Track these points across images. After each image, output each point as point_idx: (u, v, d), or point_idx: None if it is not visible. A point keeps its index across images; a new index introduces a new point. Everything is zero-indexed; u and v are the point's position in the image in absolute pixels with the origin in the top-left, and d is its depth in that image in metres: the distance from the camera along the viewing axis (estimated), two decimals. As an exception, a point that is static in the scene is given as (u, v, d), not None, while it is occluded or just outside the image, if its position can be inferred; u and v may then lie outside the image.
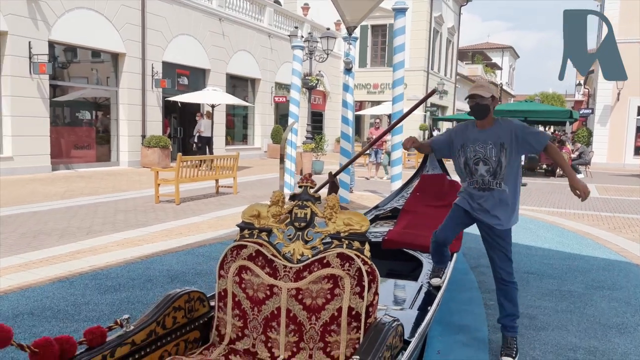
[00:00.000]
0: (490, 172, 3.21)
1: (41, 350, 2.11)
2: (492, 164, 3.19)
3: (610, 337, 3.68)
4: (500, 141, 3.16)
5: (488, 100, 3.16)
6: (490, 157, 3.19)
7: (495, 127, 3.23)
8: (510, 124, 3.23)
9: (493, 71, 45.70)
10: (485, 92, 3.16)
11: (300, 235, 2.82)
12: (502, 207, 3.24)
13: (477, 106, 3.19)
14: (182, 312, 2.78)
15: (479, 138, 3.23)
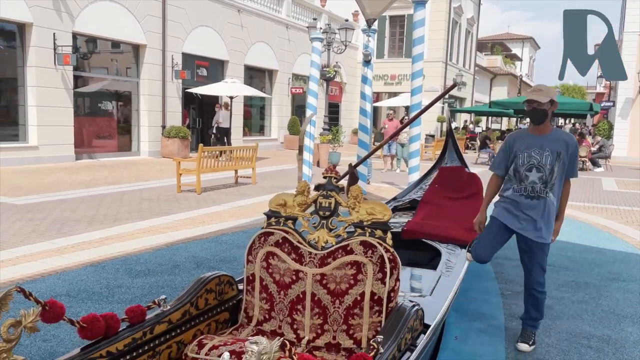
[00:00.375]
0: (542, 180, 3.19)
1: (89, 325, 2.29)
2: (546, 172, 3.17)
3: (624, 327, 3.77)
4: (558, 150, 3.15)
5: (546, 105, 3.13)
6: (544, 165, 3.16)
7: (553, 134, 3.23)
8: (567, 137, 3.26)
9: (513, 62, 45.16)
10: (542, 97, 3.13)
11: (324, 223, 2.96)
12: (547, 219, 3.23)
13: (534, 111, 3.17)
14: (213, 294, 2.95)
15: (535, 144, 3.20)
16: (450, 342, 3.41)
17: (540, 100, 3.11)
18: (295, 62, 23.20)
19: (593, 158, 17.10)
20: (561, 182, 3.22)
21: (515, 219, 3.28)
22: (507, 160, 3.34)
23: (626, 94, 23.56)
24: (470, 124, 28.72)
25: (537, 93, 3.17)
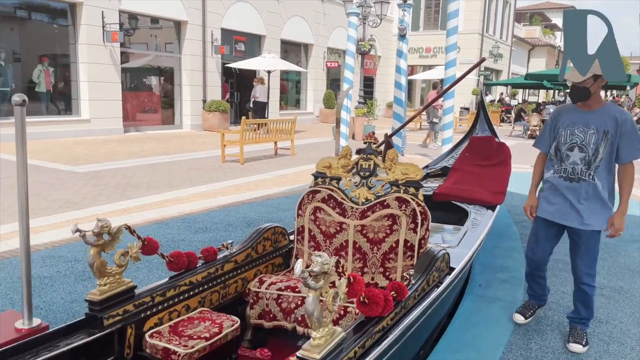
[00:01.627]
0: (585, 161, 2.90)
1: (175, 259, 2.87)
2: (589, 152, 2.88)
3: (636, 280, 4.15)
4: (605, 128, 2.85)
5: (587, 82, 2.86)
6: (588, 144, 2.89)
7: (603, 110, 2.91)
8: (619, 113, 2.91)
9: (552, 33, 43.86)
10: (577, 76, 2.86)
11: (364, 182, 3.46)
12: (591, 204, 2.93)
13: (572, 90, 2.93)
14: (269, 241, 3.51)
15: (581, 120, 2.93)
16: (474, 288, 3.88)
17: (575, 81, 2.87)
18: (330, 35, 23.41)
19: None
20: (612, 165, 2.90)
21: (555, 208, 3.07)
22: (550, 136, 3.10)
23: (670, 64, 22.88)
24: (507, 97, 28.40)
25: (573, 71, 2.89)
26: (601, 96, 2.97)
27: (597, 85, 2.89)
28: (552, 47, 38.96)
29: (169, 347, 2.47)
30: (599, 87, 2.92)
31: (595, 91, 2.91)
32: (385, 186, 3.38)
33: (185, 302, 2.85)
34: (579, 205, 2.94)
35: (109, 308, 2.46)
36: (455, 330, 3.22)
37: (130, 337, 2.53)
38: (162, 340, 2.52)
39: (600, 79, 2.89)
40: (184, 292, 2.84)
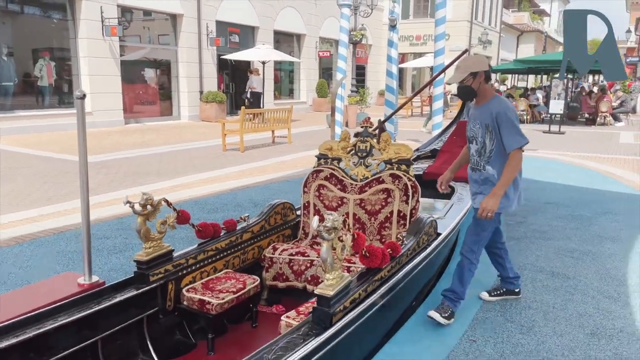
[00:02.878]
0: (478, 153, 3.13)
1: (203, 229, 3.38)
2: (479, 144, 3.10)
3: (604, 244, 4.70)
4: (486, 122, 3.02)
5: (468, 81, 2.99)
6: (477, 137, 3.11)
7: (487, 105, 3.05)
8: (497, 105, 3.02)
9: (541, 18, 44.35)
10: (458, 75, 3.00)
11: (362, 162, 3.97)
12: (484, 188, 3.15)
13: (460, 89, 3.08)
14: (280, 215, 4.01)
15: (473, 116, 3.17)
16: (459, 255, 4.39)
17: (454, 82, 3.04)
18: (322, 25, 23.77)
19: (614, 113, 17.47)
20: (505, 155, 3.04)
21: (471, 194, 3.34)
22: None
23: (655, 48, 23.46)
24: (496, 83, 28.90)
25: (454, 73, 3.04)
26: (488, 91, 3.07)
27: (477, 82, 2.99)
28: (540, 32, 39.45)
29: (204, 298, 2.97)
30: (481, 83, 3.01)
31: (479, 87, 3.02)
32: (380, 164, 3.89)
33: (213, 264, 3.35)
34: (477, 190, 3.22)
35: (154, 267, 2.96)
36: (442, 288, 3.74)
37: (171, 292, 3.03)
38: (197, 294, 3.02)
39: (479, 75, 2.98)
40: (211, 256, 3.35)
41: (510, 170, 2.99)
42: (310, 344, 2.23)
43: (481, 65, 3.02)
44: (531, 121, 17.93)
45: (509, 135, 2.97)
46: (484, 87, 3.05)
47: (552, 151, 10.80)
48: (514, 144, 2.97)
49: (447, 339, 2.99)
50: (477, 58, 3.11)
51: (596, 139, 13.44)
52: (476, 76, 2.99)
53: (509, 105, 3.05)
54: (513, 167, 2.99)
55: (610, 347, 2.90)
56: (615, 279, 3.91)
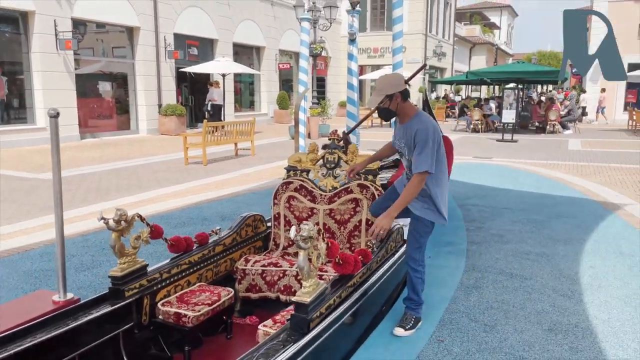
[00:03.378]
0: (409, 167, 3.19)
1: (176, 243, 3.42)
2: (408, 162, 3.18)
3: (557, 247, 4.98)
4: (409, 141, 3.06)
5: (385, 103, 3.01)
6: (405, 155, 3.20)
7: (410, 123, 3.08)
8: (417, 123, 3.02)
9: (491, 31, 46.06)
10: (376, 96, 3.02)
11: (330, 173, 4.11)
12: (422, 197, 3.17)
13: (380, 111, 3.11)
14: (250, 227, 4.09)
15: (399, 133, 3.21)
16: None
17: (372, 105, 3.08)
18: (281, 38, 23.96)
19: (562, 121, 18.34)
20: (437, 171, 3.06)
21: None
22: None
23: (597, 59, 24.75)
24: (451, 94, 29.80)
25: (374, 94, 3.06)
26: (409, 109, 3.07)
27: (395, 103, 3.00)
28: (491, 44, 40.96)
29: (180, 311, 3.02)
30: (399, 103, 3.01)
31: (398, 107, 3.03)
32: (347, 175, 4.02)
33: (187, 277, 3.40)
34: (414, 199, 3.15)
35: (129, 282, 2.98)
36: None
37: (146, 306, 3.06)
38: (172, 307, 3.06)
39: (395, 97, 2.98)
40: (185, 270, 3.39)
41: (408, 194, 3.01)
42: (290, 349, 2.32)
43: (396, 87, 2.99)
44: (485, 130, 18.59)
45: (419, 155, 2.96)
46: (403, 106, 3.05)
47: (506, 159, 11.28)
48: (421, 166, 2.95)
49: (417, 340, 3.13)
50: (393, 80, 3.05)
51: (546, 146, 14.08)
52: (392, 98, 2.99)
53: (429, 126, 3.00)
54: (411, 191, 3.01)
55: (566, 342, 3.11)
56: (568, 278, 4.17)
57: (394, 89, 2.98)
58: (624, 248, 4.92)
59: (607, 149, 13.40)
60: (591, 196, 7.30)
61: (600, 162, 10.88)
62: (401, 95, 3.01)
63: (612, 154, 12.33)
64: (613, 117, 24.11)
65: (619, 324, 3.33)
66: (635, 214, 6.27)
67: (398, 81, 3.03)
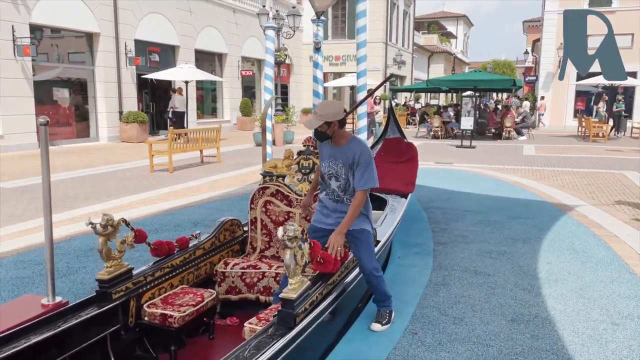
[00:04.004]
0: (341, 189, 3.30)
1: (158, 247, 3.52)
2: (342, 181, 3.28)
3: (517, 245, 5.31)
4: (349, 162, 3.21)
5: (323, 127, 3.16)
6: (339, 175, 3.28)
7: (347, 146, 3.24)
8: (359, 146, 3.24)
9: (448, 40, 47.43)
10: (314, 122, 3.13)
11: (306, 178, 4.28)
12: None
13: (316, 133, 3.26)
14: (228, 232, 4.22)
15: (332, 155, 3.29)
16: (395, 260, 4.81)
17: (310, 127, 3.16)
18: (243, 45, 24.01)
19: (517, 128, 19.14)
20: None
21: (328, 217, 3.39)
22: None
23: (547, 68, 25.94)
24: (411, 101, 30.51)
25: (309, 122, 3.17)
26: (344, 134, 3.26)
27: (332, 129, 3.18)
28: (448, 53, 42.17)
29: (166, 312, 3.12)
30: (336, 130, 3.20)
31: (334, 133, 3.21)
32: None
33: (170, 280, 3.50)
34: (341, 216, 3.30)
35: (115, 285, 3.07)
36: (383, 289, 4.11)
37: (133, 308, 3.15)
38: (158, 309, 3.16)
39: (333, 124, 3.15)
40: (167, 273, 3.50)
41: (355, 209, 3.21)
42: (279, 342, 2.47)
43: (336, 115, 3.15)
44: (445, 136, 19.18)
45: (364, 174, 3.18)
46: (339, 132, 3.24)
47: (466, 164, 11.73)
48: (366, 183, 3.19)
49: (391, 333, 3.33)
50: (334, 109, 3.17)
51: (503, 151, 14.70)
52: (330, 125, 3.16)
53: (367, 147, 3.34)
54: (357, 207, 3.21)
55: (528, 331, 3.38)
56: (527, 273, 4.47)
57: (333, 118, 3.15)
58: (577, 246, 5.29)
59: (559, 154, 14.11)
60: (546, 198, 7.74)
61: (553, 166, 11.47)
62: (339, 124, 3.20)
63: (563, 158, 13.00)
64: (564, 124, 25.29)
65: (574, 314, 3.63)
66: (586, 214, 6.71)
67: (338, 110, 3.18)
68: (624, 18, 23.76)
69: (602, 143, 17.43)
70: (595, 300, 3.86)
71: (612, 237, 5.60)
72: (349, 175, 3.24)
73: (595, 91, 25.25)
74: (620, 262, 4.75)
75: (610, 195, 8.00)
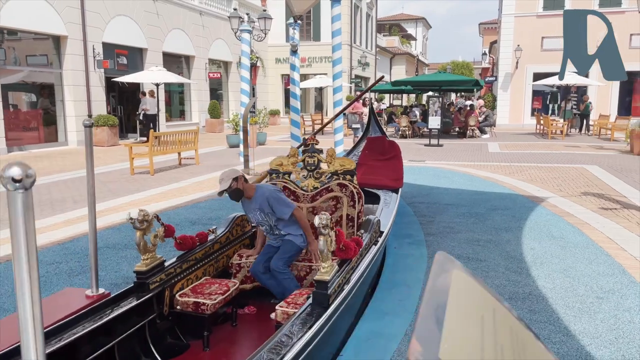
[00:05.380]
0: (271, 229, 3.85)
1: (183, 241, 3.72)
2: (267, 225, 3.84)
3: (500, 234, 5.73)
4: (263, 208, 3.76)
5: (233, 185, 3.69)
6: (263, 222, 3.85)
7: (257, 196, 3.79)
8: (266, 192, 3.78)
9: (408, 42, 48.49)
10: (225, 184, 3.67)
11: (311, 174, 4.54)
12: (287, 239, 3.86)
13: (230, 193, 3.74)
14: (239, 227, 4.45)
15: (252, 208, 3.84)
16: (392, 250, 5.13)
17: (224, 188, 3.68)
18: (210, 47, 23.98)
19: (480, 126, 19.92)
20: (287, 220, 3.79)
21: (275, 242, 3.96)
22: None
23: (506, 69, 27.00)
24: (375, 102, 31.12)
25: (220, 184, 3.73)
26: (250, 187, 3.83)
27: (240, 184, 3.73)
28: (410, 55, 43.15)
29: (199, 300, 3.33)
30: (243, 183, 3.77)
31: (243, 187, 3.77)
32: (328, 176, 4.49)
33: (195, 272, 3.71)
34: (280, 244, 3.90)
35: (151, 276, 3.26)
36: (386, 277, 4.43)
37: (167, 298, 3.34)
38: (190, 298, 3.37)
39: (239, 178, 3.72)
40: (192, 266, 3.71)
41: (306, 225, 3.83)
42: (319, 320, 2.74)
43: (236, 173, 3.74)
44: (412, 136, 19.76)
45: (281, 207, 3.77)
46: (246, 186, 3.80)
47: (437, 161, 12.23)
48: (288, 207, 3.78)
49: (405, 313, 3.65)
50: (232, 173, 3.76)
51: (469, 149, 15.33)
52: (237, 180, 3.71)
53: (272, 188, 3.89)
54: (305, 222, 3.83)
55: (525, 306, 3.76)
56: (515, 258, 4.88)
57: (236, 174, 3.73)
58: (554, 232, 5.76)
59: (522, 150, 14.84)
60: (518, 191, 8.26)
61: (519, 162, 12.11)
62: (243, 177, 3.78)
63: (527, 154, 13.71)
64: (522, 122, 26.38)
65: (562, 291, 4.05)
66: (557, 204, 7.24)
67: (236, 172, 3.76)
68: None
69: (560, 140, 18.37)
70: (579, 279, 4.29)
71: (583, 224, 6.11)
72: (269, 219, 3.78)
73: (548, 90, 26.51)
74: (595, 245, 5.23)
75: (576, 188, 8.60)
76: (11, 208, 1.12)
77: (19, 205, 1.12)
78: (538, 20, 25.93)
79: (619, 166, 11.12)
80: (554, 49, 25.74)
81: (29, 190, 1.12)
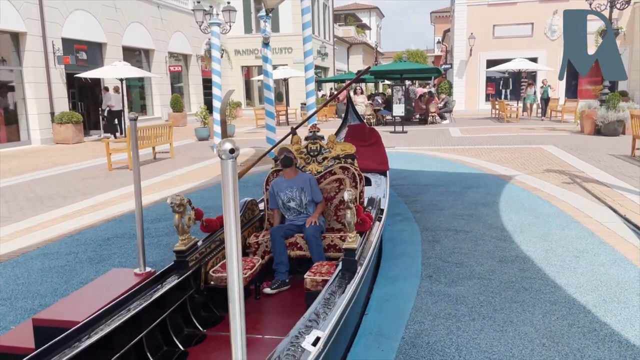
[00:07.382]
0: (299, 206, 4.37)
1: (209, 223, 4.02)
2: (297, 201, 4.35)
3: (479, 209, 6.28)
4: (302, 186, 4.32)
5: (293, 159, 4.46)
6: (294, 198, 4.36)
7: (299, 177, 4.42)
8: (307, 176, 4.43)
9: (364, 31, 49.13)
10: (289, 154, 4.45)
11: (314, 159, 4.90)
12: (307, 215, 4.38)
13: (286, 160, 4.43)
14: (250, 210, 4.78)
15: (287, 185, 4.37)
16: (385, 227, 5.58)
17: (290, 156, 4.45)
18: (170, 40, 23.76)
19: (440, 112, 20.72)
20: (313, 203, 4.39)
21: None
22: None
23: (460, 57, 28.01)
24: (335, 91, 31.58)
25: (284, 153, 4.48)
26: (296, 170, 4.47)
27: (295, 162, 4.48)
28: (366, 45, 43.77)
29: (232, 275, 3.65)
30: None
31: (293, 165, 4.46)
32: (330, 160, 4.87)
33: (221, 251, 4.02)
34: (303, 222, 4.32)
35: (189, 255, 3.56)
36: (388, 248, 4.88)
37: (203, 274, 3.66)
38: (223, 273, 3.69)
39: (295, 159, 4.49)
40: (218, 246, 4.03)
41: (321, 208, 4.43)
42: (351, 283, 3.13)
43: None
44: (376, 124, 20.34)
45: (318, 191, 4.40)
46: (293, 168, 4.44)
47: (405, 147, 12.80)
48: (321, 196, 4.43)
49: (413, 278, 4.10)
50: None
51: (433, 135, 16.01)
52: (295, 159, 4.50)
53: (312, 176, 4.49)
54: (323, 205, 4.45)
55: (515, 267, 4.28)
56: (497, 228, 5.43)
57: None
58: (526, 205, 6.36)
59: (483, 134, 15.64)
60: (487, 171, 8.88)
61: (482, 145, 12.83)
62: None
63: (488, 138, 14.48)
64: (477, 108, 27.49)
65: (544, 252, 4.60)
66: (524, 181, 7.88)
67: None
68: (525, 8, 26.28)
69: (516, 123, 19.37)
70: (556, 242, 4.86)
71: (551, 197, 6.75)
72: (301, 196, 4.25)
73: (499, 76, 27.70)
74: (565, 214, 5.85)
75: (538, 166, 9.32)
76: (224, 172, 1.48)
77: (230, 170, 1.47)
78: (489, 8, 27.00)
79: (573, 145, 12.01)
80: (504, 36, 26.95)
81: (235, 160, 1.47)
